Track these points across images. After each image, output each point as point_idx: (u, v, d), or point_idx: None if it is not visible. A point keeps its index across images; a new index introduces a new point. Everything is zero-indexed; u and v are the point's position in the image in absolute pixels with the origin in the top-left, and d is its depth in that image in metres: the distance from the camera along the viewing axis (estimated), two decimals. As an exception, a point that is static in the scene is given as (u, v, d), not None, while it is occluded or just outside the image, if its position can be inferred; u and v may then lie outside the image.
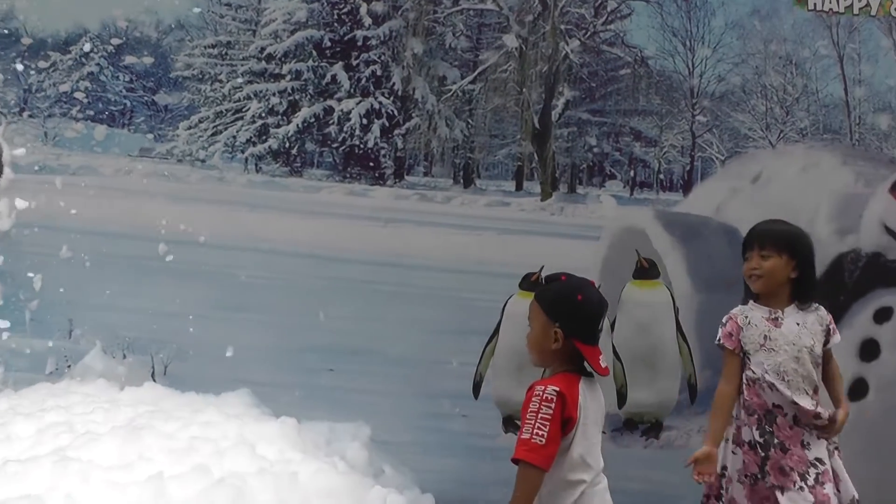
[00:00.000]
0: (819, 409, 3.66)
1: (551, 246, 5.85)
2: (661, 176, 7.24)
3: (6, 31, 7.86)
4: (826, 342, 3.76)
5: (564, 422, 3.19)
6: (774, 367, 3.64)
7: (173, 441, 4.33)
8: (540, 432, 3.19)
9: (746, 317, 3.73)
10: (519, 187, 5.86)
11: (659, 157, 7.42)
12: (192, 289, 5.95)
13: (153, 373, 5.95)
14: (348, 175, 5.94)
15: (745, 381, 3.68)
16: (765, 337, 3.68)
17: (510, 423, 5.96)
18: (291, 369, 5.86)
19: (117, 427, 4.43)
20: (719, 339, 3.73)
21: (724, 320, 3.76)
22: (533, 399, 3.21)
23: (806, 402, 3.62)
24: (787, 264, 3.72)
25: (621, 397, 5.96)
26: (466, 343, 5.88)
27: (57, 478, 3.72)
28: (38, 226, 6.22)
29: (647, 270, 5.88)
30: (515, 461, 3.21)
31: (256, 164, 6.08)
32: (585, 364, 3.31)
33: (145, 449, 4.17)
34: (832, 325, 3.77)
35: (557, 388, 3.20)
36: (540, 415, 3.19)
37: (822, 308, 3.78)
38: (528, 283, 5.81)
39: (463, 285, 5.83)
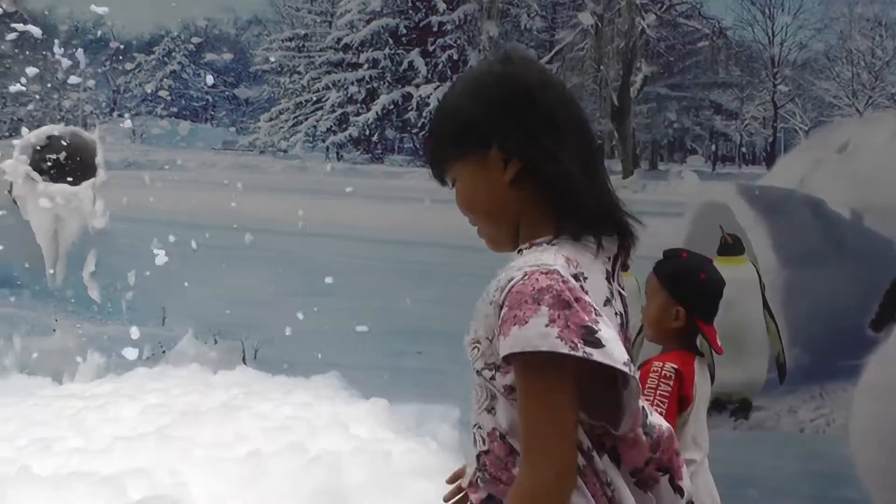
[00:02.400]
0: None
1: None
2: (744, 149, 7.12)
3: (96, 38, 8.10)
4: None
5: (681, 399, 3.17)
6: None
7: (268, 421, 4.44)
8: (658, 410, 3.17)
9: None
10: (600, 165, 5.83)
11: (740, 129, 7.29)
12: (278, 276, 6.09)
13: (244, 357, 6.11)
14: (429, 159, 5.99)
15: None
16: None
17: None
18: (379, 352, 5.94)
19: (214, 408, 4.57)
20: None
21: None
22: (651, 375, 3.17)
23: None
24: None
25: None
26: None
27: (161, 454, 3.86)
28: (130, 220, 6.43)
29: (731, 246, 5.80)
30: None
31: (338, 153, 6.19)
32: (697, 342, 3.29)
33: (241, 428, 4.28)
34: None
35: (675, 366, 3.16)
36: (658, 391, 3.16)
37: None
38: (612, 263, 5.80)
39: (547, 266, 5.82)
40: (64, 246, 6.54)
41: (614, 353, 1.45)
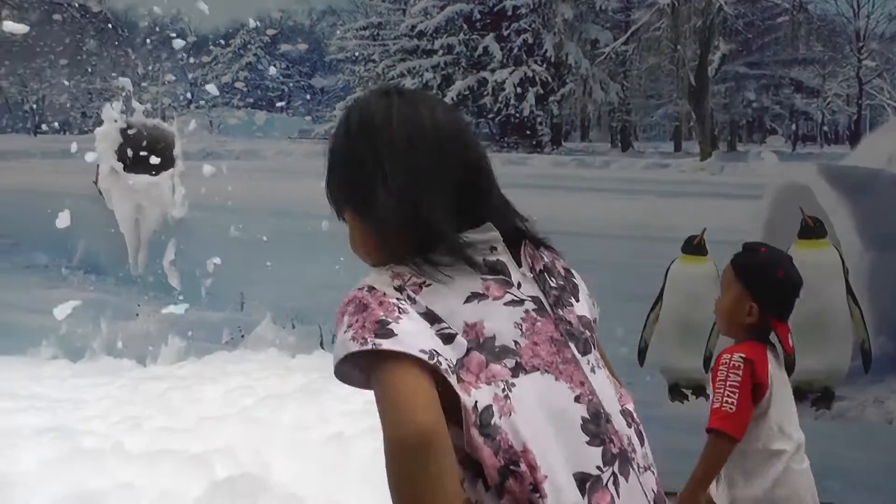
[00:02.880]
0: None
1: (712, 207, 5.69)
2: (826, 128, 6.90)
3: (174, 34, 8.25)
4: None
5: (755, 387, 3.11)
6: None
7: (348, 404, 4.47)
8: (729, 400, 3.15)
9: None
10: (677, 148, 5.73)
11: (822, 108, 7.06)
12: (355, 262, 6.09)
13: (321, 341, 6.16)
14: (505, 144, 5.95)
15: None
16: None
17: (676, 390, 5.85)
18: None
19: (295, 391, 4.62)
20: None
21: None
22: (720, 368, 3.15)
23: None
24: None
25: (789, 364, 5.75)
26: (630, 309, 5.80)
27: (245, 434, 3.91)
28: (208, 209, 6.53)
29: (813, 229, 5.63)
30: (710, 431, 3.13)
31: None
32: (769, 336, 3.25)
33: (323, 411, 4.32)
34: None
35: (744, 355, 3.13)
36: (728, 382, 3.14)
37: None
38: (691, 246, 5.68)
39: (624, 250, 5.74)
40: (145, 234, 6.69)
41: (409, 340, 1.39)
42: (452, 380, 1.41)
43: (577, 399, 1.49)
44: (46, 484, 3.23)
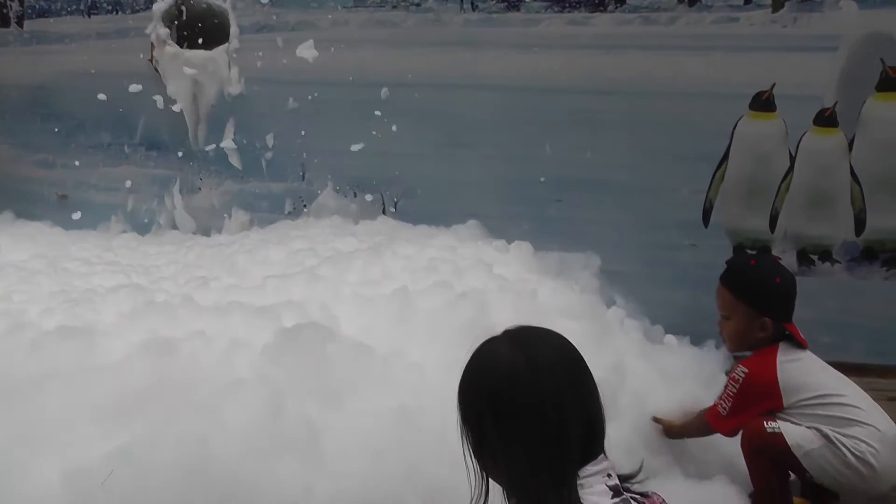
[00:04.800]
0: None
1: (783, 61, 5.46)
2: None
3: None
4: None
5: (763, 393, 3.35)
6: None
7: (413, 262, 4.48)
8: (724, 405, 3.43)
9: None
10: (747, 0, 5.48)
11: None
12: (415, 129, 6.04)
13: (384, 209, 6.15)
14: (567, 5, 5.74)
15: None
16: None
17: (741, 251, 5.76)
18: (520, 202, 5.88)
19: (359, 251, 4.63)
20: None
21: None
22: (731, 376, 3.45)
23: None
24: None
25: (859, 223, 5.61)
26: (695, 169, 5.68)
27: (311, 291, 3.95)
28: (265, 82, 6.48)
29: (893, 81, 5.42)
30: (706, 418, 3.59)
31: (472, 3, 6.00)
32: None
33: (387, 269, 4.33)
34: None
35: (746, 370, 3.36)
36: (728, 390, 3.43)
37: None
38: (759, 102, 5.53)
39: (690, 109, 5.58)
40: (204, 109, 6.68)
41: None
42: None
43: None
44: (124, 332, 3.31)
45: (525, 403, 1.72)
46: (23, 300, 3.90)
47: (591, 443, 1.75)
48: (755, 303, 3.47)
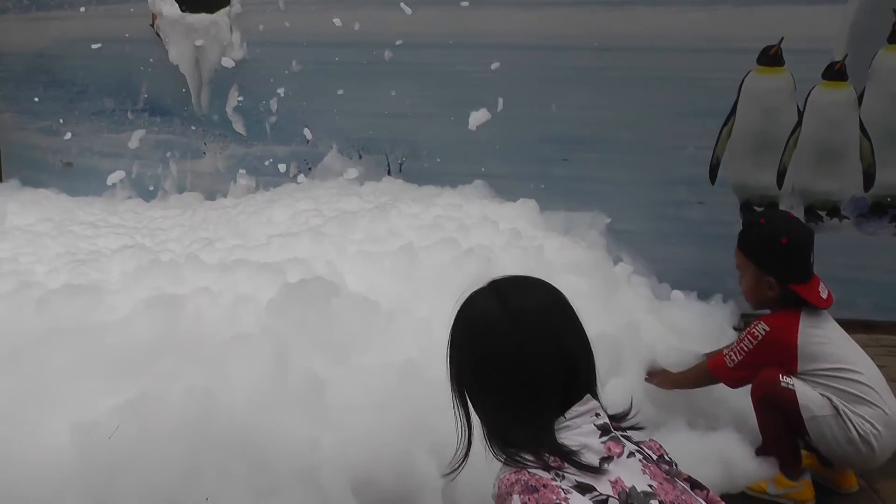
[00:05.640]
0: None
1: (791, 14, 5.40)
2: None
3: None
4: None
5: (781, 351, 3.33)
6: None
7: (419, 220, 4.47)
8: (733, 357, 3.43)
9: None
10: (754, -47, 5.41)
11: None
12: (420, 89, 6.00)
13: (388, 170, 6.13)
14: (570, -41, 5.68)
15: None
16: None
17: (748, 208, 5.72)
18: (526, 161, 5.84)
19: (364, 210, 4.62)
20: None
21: None
22: (748, 329, 3.41)
23: None
24: None
25: (868, 178, 5.57)
26: (702, 125, 5.64)
27: (316, 248, 3.94)
28: (267, 45, 6.44)
29: (908, 31, 5.34)
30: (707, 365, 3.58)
31: (474, -40, 5.94)
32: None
33: (393, 226, 4.32)
34: None
35: (768, 328, 3.34)
36: (742, 344, 3.40)
37: None
38: (767, 57, 5.47)
39: (697, 64, 5.52)
40: (206, 74, 6.65)
41: None
42: None
43: None
44: (130, 289, 3.32)
45: (500, 349, 1.77)
46: (29, 261, 3.92)
47: (573, 385, 1.77)
48: (759, 262, 3.47)
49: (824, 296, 3.43)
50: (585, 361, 1.81)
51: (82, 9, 6.89)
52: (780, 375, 3.30)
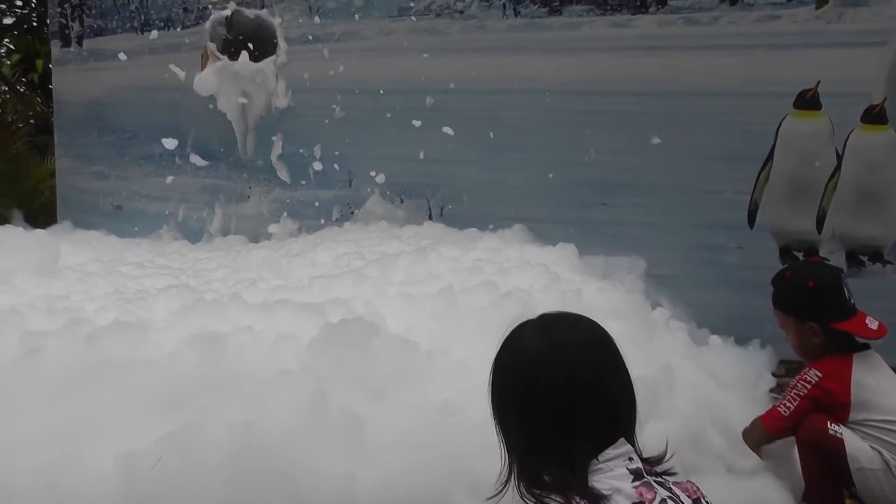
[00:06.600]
0: None
1: (828, 58, 5.42)
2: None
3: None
4: None
5: (835, 406, 3.29)
6: None
7: (458, 263, 4.53)
8: (788, 405, 3.38)
9: None
10: (791, -2, 5.46)
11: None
12: (461, 135, 6.10)
13: (430, 214, 6.21)
14: (609, 7, 5.76)
15: None
16: None
17: (787, 253, 5.70)
18: (565, 205, 5.90)
19: (405, 253, 4.69)
20: None
21: None
22: (800, 376, 3.37)
23: None
24: None
25: None
26: (739, 170, 5.66)
27: (357, 290, 4.01)
28: (313, 92, 6.59)
29: (947, 74, 5.33)
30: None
31: (515, 9, 6.06)
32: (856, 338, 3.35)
33: (433, 269, 4.38)
34: None
35: (820, 373, 3.31)
36: (794, 391, 3.36)
37: None
38: (804, 100, 5.49)
39: (733, 109, 5.56)
40: (252, 120, 6.82)
41: None
42: None
43: None
44: (175, 327, 3.40)
45: (542, 382, 1.75)
46: (80, 299, 4.03)
47: (612, 427, 1.75)
48: (795, 311, 3.46)
49: (874, 327, 3.37)
50: (627, 402, 1.80)
51: (122, 55, 7.10)
52: (829, 423, 3.26)
